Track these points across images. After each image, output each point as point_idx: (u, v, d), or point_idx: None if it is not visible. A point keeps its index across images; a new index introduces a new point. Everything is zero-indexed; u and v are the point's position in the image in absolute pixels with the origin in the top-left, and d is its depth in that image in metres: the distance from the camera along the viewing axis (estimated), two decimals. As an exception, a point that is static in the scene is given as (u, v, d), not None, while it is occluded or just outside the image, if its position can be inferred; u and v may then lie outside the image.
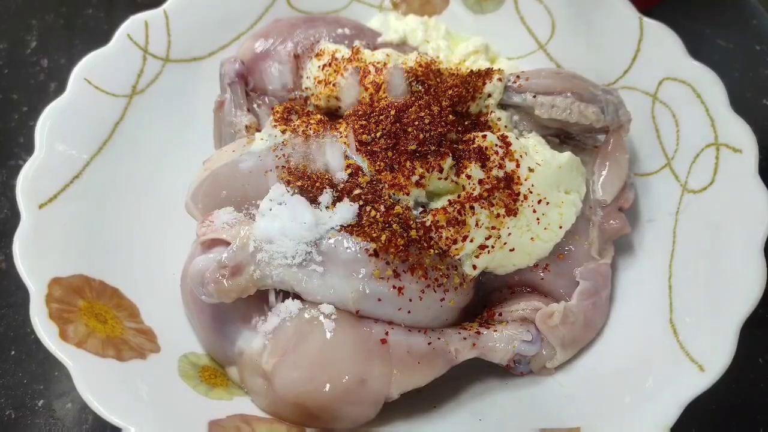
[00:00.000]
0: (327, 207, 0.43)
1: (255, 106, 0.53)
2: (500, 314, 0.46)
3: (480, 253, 0.45)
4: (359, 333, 0.42)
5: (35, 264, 0.43)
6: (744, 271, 0.42)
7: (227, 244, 0.42)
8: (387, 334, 0.43)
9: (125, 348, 0.43)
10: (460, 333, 0.44)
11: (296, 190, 0.44)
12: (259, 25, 0.58)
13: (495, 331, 0.45)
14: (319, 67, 0.52)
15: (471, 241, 0.44)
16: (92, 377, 0.39)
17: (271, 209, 0.43)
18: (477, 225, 0.44)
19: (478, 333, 0.45)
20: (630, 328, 0.46)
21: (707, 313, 0.42)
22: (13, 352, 0.51)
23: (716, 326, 0.41)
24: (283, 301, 0.43)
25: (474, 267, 0.45)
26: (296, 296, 0.43)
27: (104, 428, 0.48)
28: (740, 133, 0.46)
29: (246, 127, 0.51)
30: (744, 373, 0.40)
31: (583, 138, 0.51)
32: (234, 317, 0.44)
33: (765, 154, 0.45)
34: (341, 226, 0.43)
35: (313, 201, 0.44)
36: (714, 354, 0.40)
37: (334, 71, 0.52)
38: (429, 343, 0.43)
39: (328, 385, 0.41)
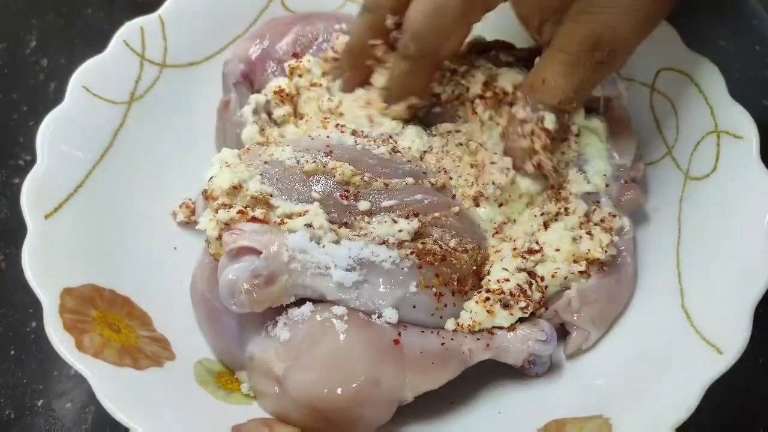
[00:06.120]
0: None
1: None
2: None
3: None
4: (372, 334, 0.42)
5: (45, 275, 0.42)
6: (751, 253, 0.43)
7: (257, 252, 0.41)
8: (400, 335, 0.42)
9: (141, 356, 0.42)
10: (473, 333, 0.44)
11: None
12: (255, 27, 0.57)
13: (509, 330, 0.44)
14: None
15: None
16: (112, 387, 0.39)
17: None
18: None
19: (492, 333, 0.44)
20: (643, 315, 0.47)
21: (719, 297, 0.43)
22: (12, 352, 0.51)
23: (729, 308, 0.42)
24: (297, 306, 0.42)
25: None
26: (309, 300, 0.42)
27: (104, 428, 0.48)
28: (740, 120, 0.47)
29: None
30: (744, 373, 0.41)
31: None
32: (244, 322, 0.44)
33: (765, 155, 0.46)
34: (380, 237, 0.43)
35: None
36: (730, 335, 0.40)
37: None
38: (442, 344, 0.43)
39: (342, 387, 0.40)
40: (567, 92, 0.45)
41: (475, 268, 0.45)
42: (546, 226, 0.47)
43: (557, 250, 0.46)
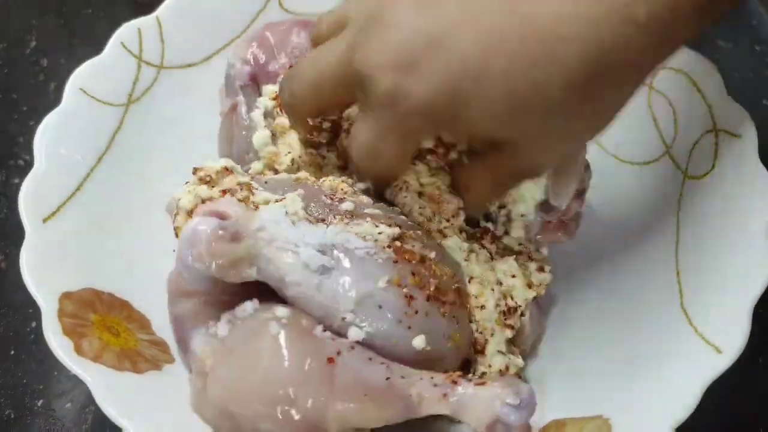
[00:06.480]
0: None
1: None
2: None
3: None
4: (306, 346, 0.37)
5: (44, 279, 0.42)
6: (751, 252, 0.43)
7: (228, 217, 0.39)
8: (339, 353, 0.37)
9: (140, 360, 0.42)
10: (432, 378, 0.38)
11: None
12: (252, 27, 0.57)
13: (477, 384, 0.37)
14: None
15: None
16: (112, 391, 0.39)
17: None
18: None
19: (455, 383, 0.37)
20: (642, 316, 0.46)
21: (718, 296, 0.43)
22: (12, 352, 0.51)
23: (728, 308, 0.42)
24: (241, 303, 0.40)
25: None
26: (255, 297, 0.40)
27: (104, 428, 0.47)
28: (738, 118, 0.47)
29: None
30: (744, 373, 0.41)
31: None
32: (194, 322, 0.41)
33: (764, 154, 0.46)
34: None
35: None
36: (729, 335, 0.40)
37: None
38: (387, 378, 0.37)
39: (253, 395, 0.37)
40: (489, 198, 0.45)
41: (456, 286, 0.41)
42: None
43: (513, 276, 0.44)
